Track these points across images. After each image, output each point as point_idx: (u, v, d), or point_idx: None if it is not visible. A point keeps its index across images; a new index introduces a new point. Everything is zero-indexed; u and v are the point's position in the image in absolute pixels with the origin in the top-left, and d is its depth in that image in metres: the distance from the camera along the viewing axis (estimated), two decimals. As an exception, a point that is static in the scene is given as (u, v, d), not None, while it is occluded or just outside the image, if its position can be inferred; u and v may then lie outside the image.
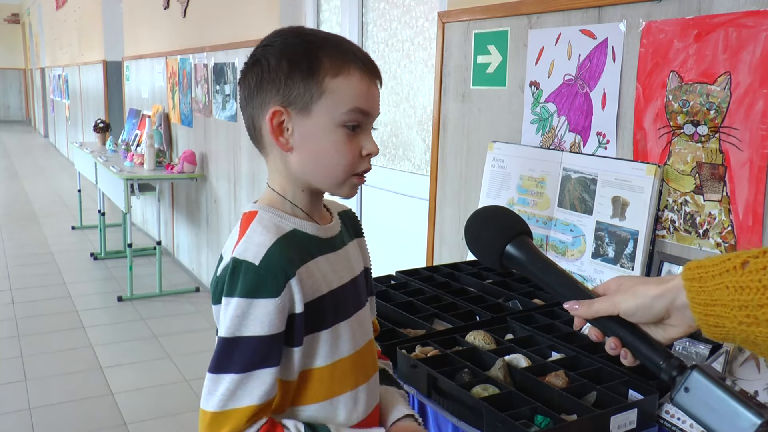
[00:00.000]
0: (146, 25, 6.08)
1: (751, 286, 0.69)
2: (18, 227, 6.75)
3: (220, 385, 0.90)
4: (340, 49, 0.96)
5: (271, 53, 0.96)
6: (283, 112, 0.95)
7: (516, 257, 0.87)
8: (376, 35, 3.05)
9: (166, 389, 3.31)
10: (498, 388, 1.21)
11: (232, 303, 0.90)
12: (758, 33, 1.37)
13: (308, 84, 0.94)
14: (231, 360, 0.90)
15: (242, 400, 0.90)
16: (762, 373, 1.19)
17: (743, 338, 0.70)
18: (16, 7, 19.23)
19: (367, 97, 0.97)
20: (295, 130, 0.96)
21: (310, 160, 0.97)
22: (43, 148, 13.85)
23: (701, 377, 0.71)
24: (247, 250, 0.92)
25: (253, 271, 0.90)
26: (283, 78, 0.94)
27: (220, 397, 0.90)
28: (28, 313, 4.31)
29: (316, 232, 1.00)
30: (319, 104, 0.94)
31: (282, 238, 0.94)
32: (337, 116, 0.95)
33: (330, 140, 0.95)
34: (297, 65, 0.94)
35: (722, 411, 0.68)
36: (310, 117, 0.95)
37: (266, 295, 0.90)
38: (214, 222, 4.64)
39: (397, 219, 2.83)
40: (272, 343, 0.91)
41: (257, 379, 0.90)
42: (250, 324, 0.90)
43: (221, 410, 0.90)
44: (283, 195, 1.00)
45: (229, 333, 0.90)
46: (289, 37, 0.97)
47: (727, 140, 1.45)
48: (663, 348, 0.77)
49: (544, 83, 1.91)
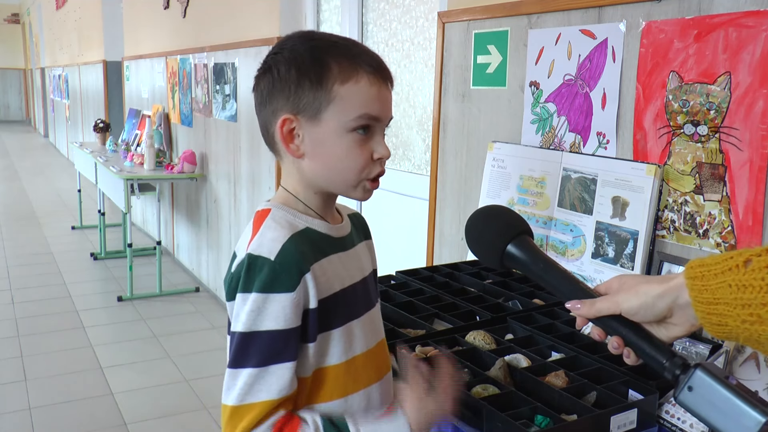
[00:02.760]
0: (146, 25, 6.08)
1: (754, 284, 0.68)
2: (18, 227, 6.75)
3: (238, 379, 0.92)
4: (350, 55, 0.97)
5: (281, 61, 0.97)
6: (294, 120, 0.97)
7: (517, 257, 0.87)
8: (376, 35, 3.05)
9: (166, 389, 3.31)
10: (498, 388, 1.21)
11: (248, 298, 0.91)
12: (758, 33, 1.37)
13: (317, 92, 0.95)
14: (248, 354, 0.92)
15: (260, 394, 0.91)
16: (762, 373, 1.19)
17: (746, 337, 0.70)
18: (16, 7, 19.23)
19: (377, 102, 0.97)
20: (306, 137, 0.97)
21: (322, 166, 0.98)
22: (43, 148, 13.85)
23: (705, 376, 0.70)
24: (261, 245, 0.93)
25: (269, 267, 0.91)
26: (293, 86, 0.95)
27: (238, 391, 0.91)
28: (28, 313, 4.31)
29: (328, 231, 1.02)
30: (328, 111, 0.95)
31: (296, 235, 0.96)
32: (347, 122, 0.96)
33: (341, 146, 0.97)
34: (306, 73, 0.95)
35: (726, 410, 0.68)
36: (320, 124, 0.96)
37: (282, 290, 0.91)
38: (214, 222, 4.64)
39: (397, 219, 2.83)
40: (288, 338, 0.92)
41: (274, 374, 0.91)
42: (266, 319, 0.91)
43: (240, 404, 0.91)
44: (296, 196, 1.02)
45: (246, 328, 0.91)
46: (298, 43, 0.98)
47: (727, 140, 1.45)
48: (666, 347, 0.77)
49: (544, 83, 1.91)
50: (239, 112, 4.02)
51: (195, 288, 4.82)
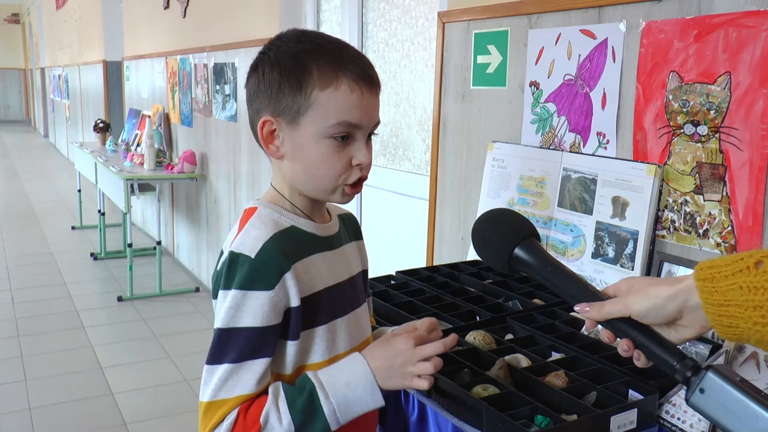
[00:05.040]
0: (146, 25, 6.08)
1: (765, 286, 0.68)
2: (18, 227, 6.75)
3: (214, 375, 0.93)
4: (333, 60, 0.96)
5: (266, 62, 0.98)
6: (274, 122, 0.98)
7: (525, 260, 0.87)
8: (376, 35, 3.05)
9: (166, 389, 3.31)
10: (498, 388, 1.21)
11: (228, 295, 0.93)
12: (758, 33, 1.37)
13: (296, 96, 0.95)
14: (225, 351, 0.93)
15: (234, 389, 0.92)
16: (762, 373, 1.19)
17: (758, 339, 0.70)
18: (16, 7, 19.23)
19: (357, 110, 0.96)
20: (285, 139, 0.98)
21: (301, 169, 0.99)
22: (43, 148, 13.85)
23: (717, 378, 0.70)
24: (243, 243, 0.95)
25: (249, 264, 0.93)
26: (274, 89, 0.96)
27: (213, 387, 0.92)
28: (28, 313, 4.30)
29: (313, 230, 1.03)
30: (307, 116, 0.96)
31: (279, 234, 0.97)
32: (325, 129, 0.96)
33: (318, 152, 0.97)
34: (287, 77, 0.95)
35: (739, 412, 0.67)
36: (298, 128, 0.97)
37: (261, 288, 0.92)
38: (214, 222, 4.64)
39: (397, 219, 2.83)
40: (266, 335, 0.93)
41: (249, 370, 0.92)
42: (244, 316, 0.92)
43: (213, 399, 0.92)
44: (283, 195, 1.03)
45: (224, 324, 0.93)
46: (285, 44, 0.98)
47: (727, 140, 1.45)
48: (676, 349, 0.76)
49: (544, 83, 1.91)
50: (239, 112, 4.02)
51: (195, 288, 4.82)
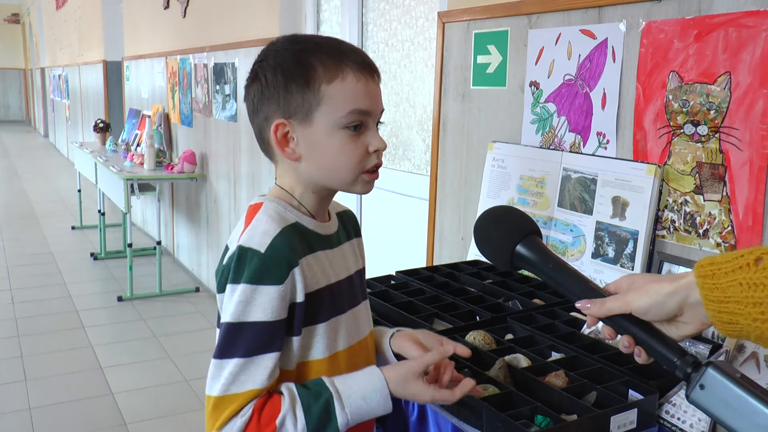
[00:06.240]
0: (146, 25, 6.08)
1: (765, 282, 0.68)
2: (18, 227, 6.75)
3: (224, 369, 0.93)
4: (333, 53, 0.98)
5: (267, 68, 0.99)
6: (287, 124, 0.99)
7: (527, 257, 0.87)
8: (376, 35, 3.05)
9: (166, 389, 3.31)
10: (498, 388, 1.21)
11: (237, 289, 0.93)
12: (758, 33, 1.37)
13: (305, 94, 0.97)
14: (235, 345, 0.93)
15: (245, 384, 0.93)
16: (762, 373, 1.19)
17: (758, 335, 0.70)
18: (16, 7, 19.23)
19: (366, 97, 0.99)
20: (300, 139, 0.99)
21: (320, 165, 1.00)
22: (43, 148, 13.85)
23: (717, 374, 0.69)
24: (252, 238, 0.95)
25: (258, 259, 0.93)
26: (282, 92, 0.97)
27: (223, 381, 0.93)
28: (28, 313, 4.31)
29: (315, 228, 1.04)
30: (318, 111, 0.97)
31: (286, 228, 0.98)
32: (337, 120, 0.97)
33: (334, 144, 0.98)
34: (292, 78, 0.97)
35: (740, 408, 0.67)
36: (312, 125, 0.98)
37: (270, 282, 0.93)
38: (214, 222, 4.64)
39: (397, 219, 2.83)
40: (275, 329, 0.94)
41: (260, 364, 0.93)
42: (254, 310, 0.93)
43: (224, 394, 0.93)
44: (292, 194, 1.04)
45: (234, 318, 0.93)
46: (281, 48, 1.00)
47: (727, 140, 1.45)
48: (677, 345, 0.76)
49: (544, 83, 1.91)
50: (239, 112, 4.02)
51: (195, 288, 4.82)
